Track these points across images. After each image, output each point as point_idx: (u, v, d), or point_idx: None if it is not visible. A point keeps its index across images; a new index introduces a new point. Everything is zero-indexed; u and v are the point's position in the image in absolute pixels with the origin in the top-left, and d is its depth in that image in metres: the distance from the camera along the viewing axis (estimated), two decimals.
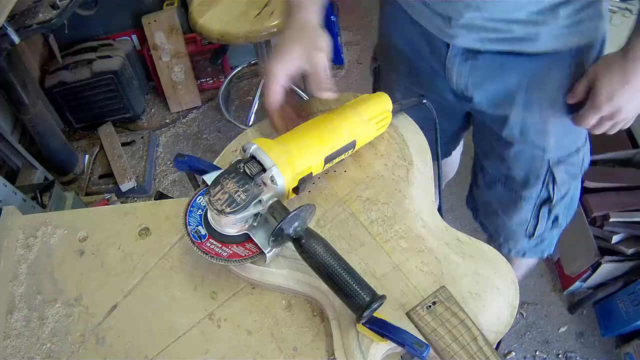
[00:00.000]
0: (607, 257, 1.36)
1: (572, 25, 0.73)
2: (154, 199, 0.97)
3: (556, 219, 0.95)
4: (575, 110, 0.79)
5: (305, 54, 0.66)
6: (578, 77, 0.77)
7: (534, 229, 0.96)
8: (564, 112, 0.81)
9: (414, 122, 0.84)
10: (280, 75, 0.66)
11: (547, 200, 0.90)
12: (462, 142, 1.26)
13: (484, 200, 1.03)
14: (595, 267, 1.39)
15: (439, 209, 1.71)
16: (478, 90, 0.84)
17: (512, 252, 1.03)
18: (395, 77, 0.99)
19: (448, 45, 0.81)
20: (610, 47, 1.23)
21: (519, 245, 1.01)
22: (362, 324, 0.61)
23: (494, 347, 0.60)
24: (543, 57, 0.76)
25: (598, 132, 0.78)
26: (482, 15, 0.73)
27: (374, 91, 1.09)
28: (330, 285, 0.57)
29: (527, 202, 0.92)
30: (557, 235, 1.01)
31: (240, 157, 0.63)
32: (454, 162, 1.43)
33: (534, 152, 0.85)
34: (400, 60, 0.94)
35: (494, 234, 1.05)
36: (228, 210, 0.56)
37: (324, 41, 0.68)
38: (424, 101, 0.78)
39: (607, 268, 1.38)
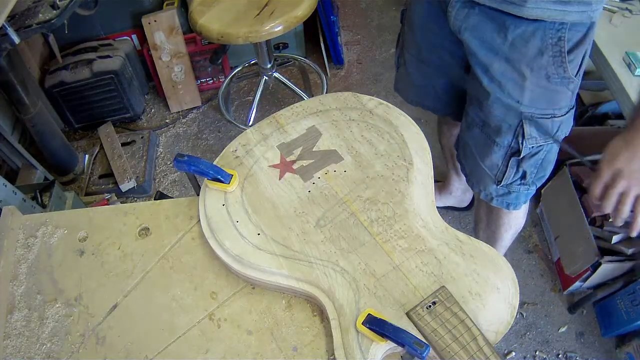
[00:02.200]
0: (607, 257, 1.36)
1: (557, 2, 0.80)
2: (154, 199, 0.97)
3: (524, 175, 1.03)
4: (551, 76, 0.88)
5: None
6: (557, 50, 0.85)
7: (502, 176, 1.04)
8: (541, 76, 0.88)
9: (414, 122, 0.84)
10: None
11: (517, 152, 0.98)
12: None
13: (464, 142, 1.11)
14: (595, 267, 1.39)
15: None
16: (469, 32, 0.92)
17: (482, 194, 1.12)
18: (415, 19, 1.09)
19: None
20: (608, 46, 1.23)
21: (488, 189, 1.10)
22: (362, 323, 0.61)
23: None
24: (529, 22, 0.84)
25: (608, 208, 0.83)
26: None
27: (399, 35, 1.22)
28: None
29: (498, 149, 1.00)
30: (525, 193, 1.09)
31: None
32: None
33: (510, 102, 0.93)
34: (419, 3, 1.05)
35: (469, 174, 1.14)
36: None
37: None
38: None
39: (607, 268, 1.38)
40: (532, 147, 0.96)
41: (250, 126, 0.89)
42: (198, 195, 0.79)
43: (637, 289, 1.34)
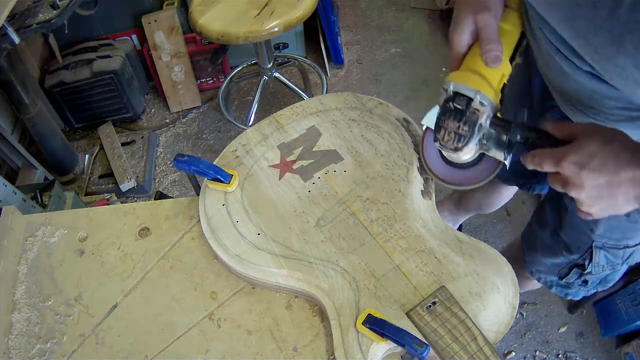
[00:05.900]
0: None
1: None
2: (154, 199, 0.97)
3: (585, 282, 0.98)
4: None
5: (472, 17, 0.67)
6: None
7: (564, 276, 0.99)
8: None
9: (414, 122, 0.84)
10: (456, 43, 0.68)
11: (581, 267, 0.93)
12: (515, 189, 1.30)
13: (533, 232, 1.05)
14: None
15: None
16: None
17: (541, 280, 1.07)
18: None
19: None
20: None
21: (549, 278, 1.05)
22: (362, 323, 0.61)
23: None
24: None
25: (531, 167, 0.63)
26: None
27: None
28: None
29: (564, 258, 0.95)
30: (584, 293, 1.04)
31: (445, 97, 0.67)
32: (502, 196, 1.35)
33: (583, 227, 0.86)
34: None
35: (528, 261, 1.08)
36: (460, 145, 0.65)
37: (494, 1, 0.68)
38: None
39: None
40: (597, 272, 0.92)
41: (250, 126, 0.88)
42: (198, 195, 0.79)
43: (637, 289, 1.34)
